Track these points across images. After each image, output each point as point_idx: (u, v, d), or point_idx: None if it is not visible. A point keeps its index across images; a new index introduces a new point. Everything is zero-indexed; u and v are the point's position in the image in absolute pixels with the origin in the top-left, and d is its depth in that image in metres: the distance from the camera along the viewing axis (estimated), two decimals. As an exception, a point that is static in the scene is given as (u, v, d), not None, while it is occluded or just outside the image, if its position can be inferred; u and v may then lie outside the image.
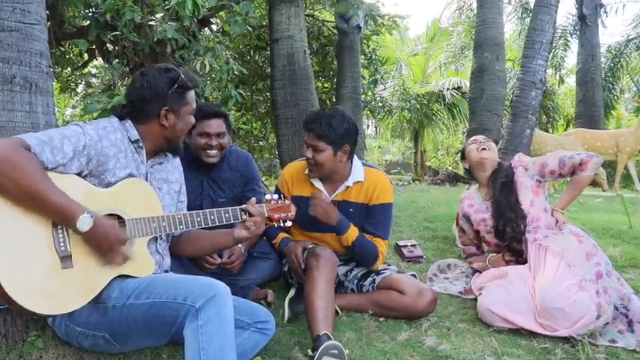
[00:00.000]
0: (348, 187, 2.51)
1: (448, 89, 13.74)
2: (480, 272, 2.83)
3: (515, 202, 2.68)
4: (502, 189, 2.74)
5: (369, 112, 10.06)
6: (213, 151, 2.59)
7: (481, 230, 2.88)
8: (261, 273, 2.64)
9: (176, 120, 1.87)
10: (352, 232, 2.45)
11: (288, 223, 2.13)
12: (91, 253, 1.67)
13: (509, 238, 2.68)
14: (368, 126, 16.33)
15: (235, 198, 2.75)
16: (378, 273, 2.50)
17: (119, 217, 1.76)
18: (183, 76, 1.86)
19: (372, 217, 2.51)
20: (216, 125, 2.57)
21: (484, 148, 2.84)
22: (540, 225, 2.63)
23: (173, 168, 2.05)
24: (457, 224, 3.13)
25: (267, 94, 8.09)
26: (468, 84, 11.64)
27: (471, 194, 3.00)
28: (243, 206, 2.00)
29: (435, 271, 3.11)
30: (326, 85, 8.99)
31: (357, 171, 2.53)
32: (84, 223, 1.60)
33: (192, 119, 1.95)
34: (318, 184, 2.54)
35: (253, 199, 2.04)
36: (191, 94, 1.91)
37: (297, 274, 2.43)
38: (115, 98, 3.10)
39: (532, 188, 2.70)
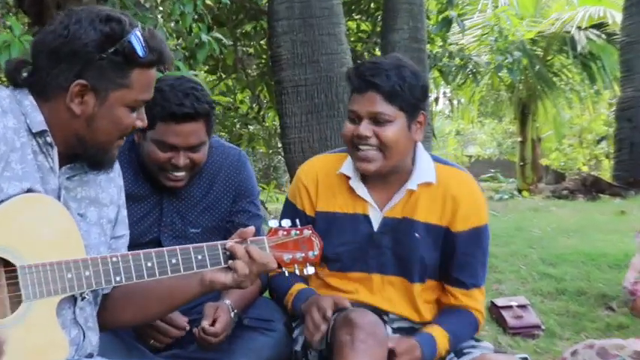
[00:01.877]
0: (411, 192, 2.54)
1: (581, 28, 13.58)
2: None
3: None
4: None
5: (438, 75, 10.02)
6: (179, 173, 2.60)
7: None
8: (257, 354, 2.62)
9: (97, 108, 1.85)
10: (441, 340, 2.46)
11: (310, 269, 2.13)
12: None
13: None
14: (437, 98, 16.26)
15: (217, 227, 2.74)
16: (459, 354, 2.52)
17: (7, 263, 1.74)
18: (133, 38, 1.84)
19: (460, 252, 2.55)
20: (189, 132, 2.55)
21: None
22: None
23: (107, 180, 2.04)
24: None
25: (263, 42, 8.11)
26: (619, 18, 11.45)
27: None
28: (228, 244, 1.99)
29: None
30: (364, 27, 8.98)
31: (424, 165, 2.58)
32: None
33: (135, 119, 1.92)
34: (361, 190, 2.58)
35: (250, 229, 2.03)
36: (143, 73, 1.88)
37: (313, 337, 2.41)
38: None
39: None
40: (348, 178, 2.58)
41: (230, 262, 1.98)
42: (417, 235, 2.53)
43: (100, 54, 1.81)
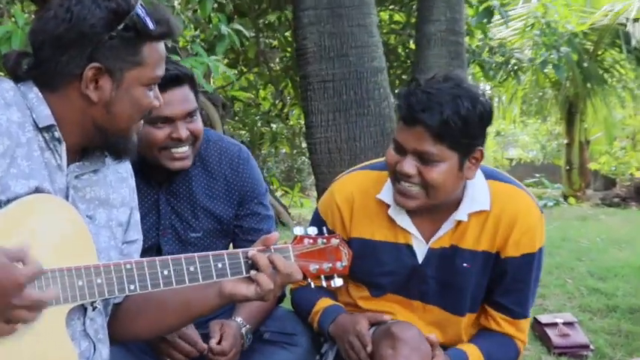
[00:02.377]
0: (459, 222, 2.49)
1: (637, 20, 13.46)
2: None
3: None
4: None
5: (478, 71, 9.99)
6: (183, 148, 2.62)
7: None
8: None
9: (114, 91, 1.87)
10: (474, 357, 2.45)
11: (338, 282, 2.13)
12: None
13: None
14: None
15: (220, 231, 2.77)
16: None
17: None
18: (139, 11, 1.86)
19: (509, 279, 2.50)
20: (180, 99, 2.58)
21: None
22: None
23: (119, 180, 2.07)
24: None
25: (287, 33, 8.13)
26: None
27: None
28: (250, 252, 1.99)
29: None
30: (397, 18, 8.97)
31: (477, 192, 2.50)
32: None
33: (152, 98, 1.95)
34: (403, 220, 2.52)
35: (273, 235, 2.04)
36: (155, 48, 1.91)
37: None
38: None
39: None
40: (388, 205, 2.53)
41: (252, 272, 1.98)
42: (465, 265, 2.49)
43: (110, 32, 1.82)
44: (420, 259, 2.52)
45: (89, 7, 1.82)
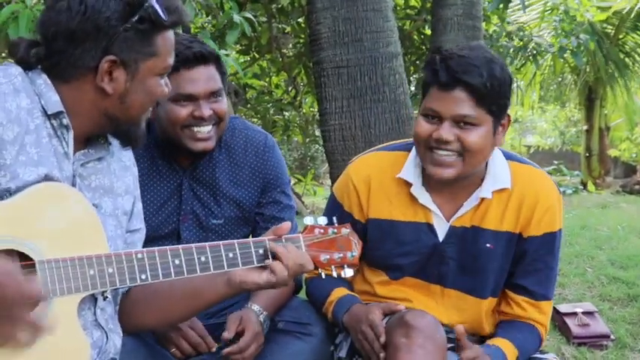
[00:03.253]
0: (482, 199, 2.50)
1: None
2: None
3: None
4: None
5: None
6: (206, 128, 2.63)
7: None
8: (293, 360, 2.67)
9: (129, 82, 1.90)
10: (511, 357, 2.44)
11: (349, 272, 2.13)
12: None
13: None
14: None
15: (242, 218, 2.78)
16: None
17: (23, 257, 1.77)
18: (152, 1, 1.86)
19: (529, 259, 2.52)
20: (204, 78, 2.61)
21: None
22: None
23: (122, 168, 2.07)
24: None
25: (300, 20, 8.11)
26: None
27: None
28: (266, 242, 2.00)
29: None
30: (413, 2, 8.93)
31: (498, 169, 2.52)
32: None
33: (164, 86, 1.97)
34: (425, 198, 2.53)
35: (285, 225, 2.04)
36: (167, 36, 1.92)
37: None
38: (6, 8, 3.12)
39: None
40: (409, 184, 2.53)
41: (267, 261, 1.99)
42: (488, 245, 2.50)
43: (125, 24, 1.83)
44: (441, 237, 2.53)
45: (104, 0, 1.83)
